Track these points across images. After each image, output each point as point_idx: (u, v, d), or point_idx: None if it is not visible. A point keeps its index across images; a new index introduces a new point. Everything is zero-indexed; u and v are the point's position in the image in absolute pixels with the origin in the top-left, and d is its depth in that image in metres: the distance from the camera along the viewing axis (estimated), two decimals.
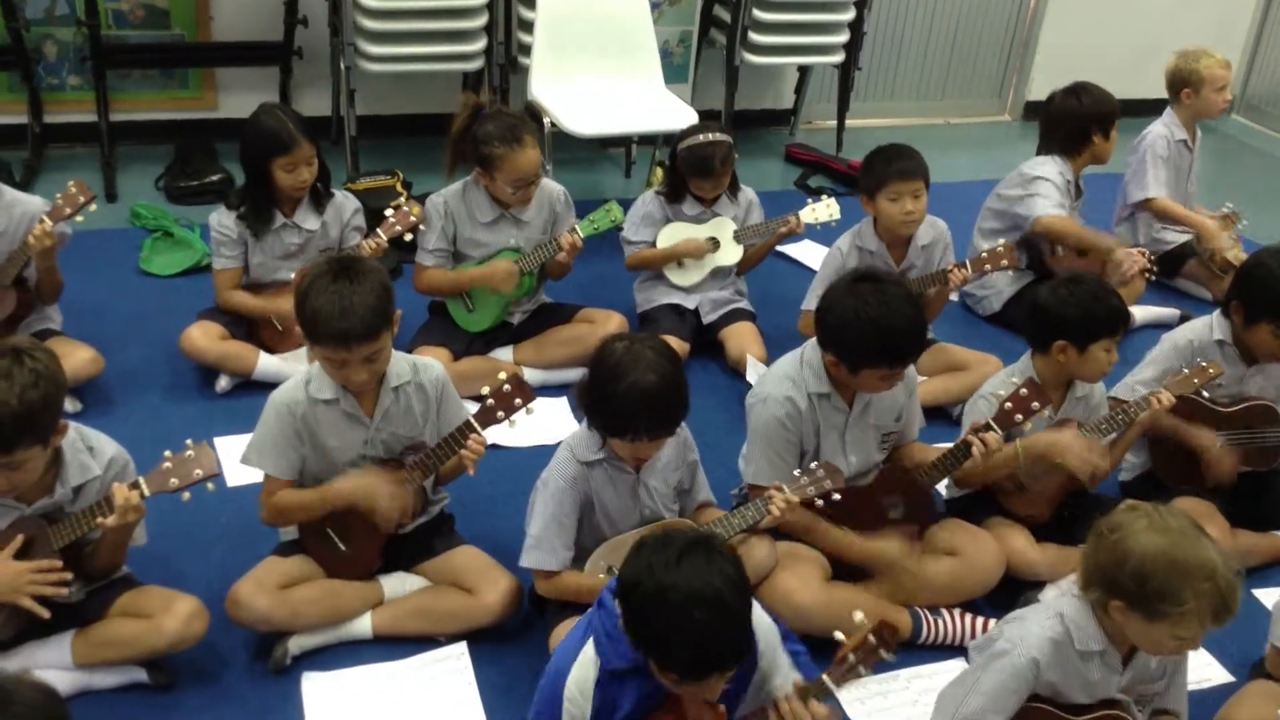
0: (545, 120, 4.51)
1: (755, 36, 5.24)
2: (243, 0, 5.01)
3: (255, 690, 2.55)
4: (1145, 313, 4.32)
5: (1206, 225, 4.41)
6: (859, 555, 2.77)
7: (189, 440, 2.41)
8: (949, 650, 2.77)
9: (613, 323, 3.67)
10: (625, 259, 3.93)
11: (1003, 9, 6.38)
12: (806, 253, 4.65)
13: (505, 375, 2.61)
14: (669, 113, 4.66)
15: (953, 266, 3.57)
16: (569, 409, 3.54)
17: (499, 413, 2.59)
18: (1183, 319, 4.18)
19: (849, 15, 5.37)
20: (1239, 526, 3.08)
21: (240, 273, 3.50)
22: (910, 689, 2.65)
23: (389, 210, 3.48)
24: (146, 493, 2.35)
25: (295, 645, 2.60)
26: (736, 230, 3.88)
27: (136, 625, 2.46)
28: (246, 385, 3.48)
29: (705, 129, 3.82)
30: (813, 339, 2.74)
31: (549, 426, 3.39)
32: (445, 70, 4.88)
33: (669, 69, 5.07)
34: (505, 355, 3.66)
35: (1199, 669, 2.73)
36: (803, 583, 2.67)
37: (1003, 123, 6.69)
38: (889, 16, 6.11)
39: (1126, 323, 2.93)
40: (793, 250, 4.65)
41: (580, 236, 3.54)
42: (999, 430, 2.71)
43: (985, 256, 3.58)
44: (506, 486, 3.11)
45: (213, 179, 4.73)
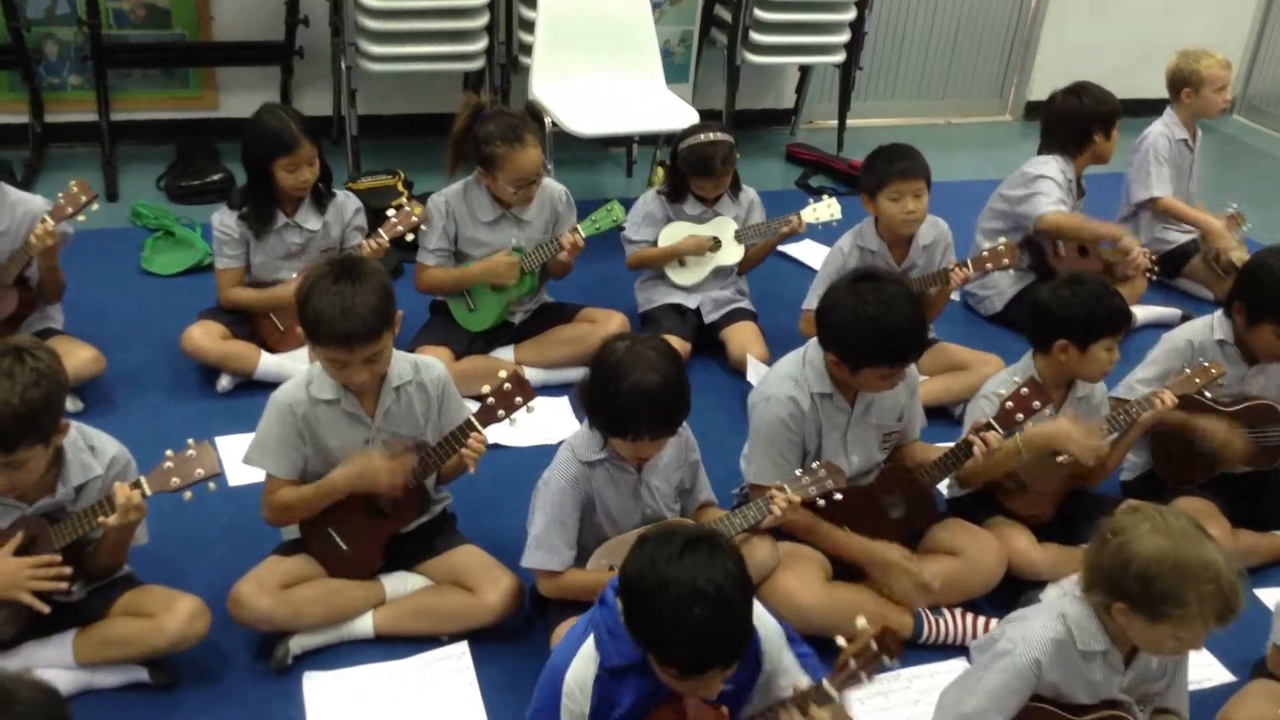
0: (546, 120, 4.51)
1: (756, 36, 5.24)
2: (244, 0, 5.02)
3: (256, 690, 2.55)
4: (1147, 312, 4.32)
5: (1214, 225, 4.41)
6: (860, 555, 2.77)
7: (190, 440, 2.41)
8: (950, 650, 2.77)
9: (614, 322, 3.67)
10: (626, 258, 3.93)
11: (1004, 9, 6.38)
12: (808, 252, 4.65)
13: (506, 374, 2.60)
14: (670, 112, 4.65)
15: (954, 266, 3.58)
16: (570, 409, 3.54)
17: (500, 411, 2.59)
18: (1184, 319, 4.18)
19: (850, 15, 5.36)
20: (1240, 526, 3.08)
21: (242, 272, 3.51)
22: (911, 689, 2.64)
23: (390, 210, 3.48)
24: (148, 492, 2.35)
25: (297, 645, 2.60)
26: (738, 230, 3.87)
27: (138, 624, 2.46)
28: (248, 385, 3.48)
29: (706, 128, 3.82)
30: (814, 339, 2.75)
31: (550, 426, 3.39)
32: (446, 70, 4.88)
33: (670, 69, 5.07)
34: (506, 355, 3.66)
35: (1200, 668, 2.72)
36: (804, 583, 2.67)
37: (1003, 122, 6.69)
38: (890, 16, 6.10)
39: (1128, 322, 2.93)
40: (794, 250, 4.65)
41: (582, 236, 3.54)
42: (1000, 429, 2.71)
43: (986, 255, 3.58)
44: (508, 486, 3.11)
45: (214, 179, 4.74)
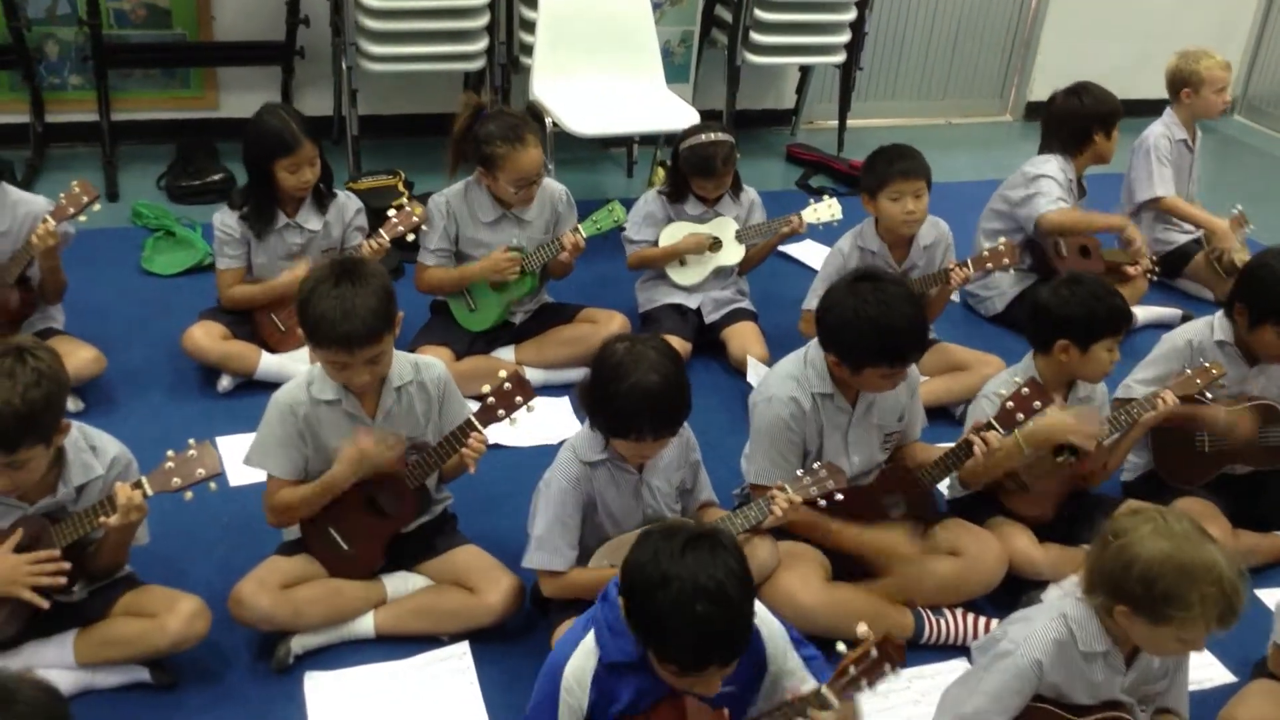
0: (547, 120, 4.51)
1: (757, 36, 5.24)
2: (244, 0, 5.02)
3: (258, 690, 2.55)
4: (1147, 313, 4.32)
5: (1218, 225, 4.41)
6: (865, 548, 2.75)
7: (191, 440, 2.41)
8: (951, 650, 2.77)
9: (615, 323, 3.67)
10: (627, 258, 3.93)
11: (1004, 9, 6.38)
12: (808, 253, 4.65)
13: (506, 374, 2.61)
14: (670, 113, 4.66)
15: (954, 265, 3.58)
16: (571, 409, 3.54)
17: (500, 411, 2.59)
18: (1184, 319, 4.18)
19: (850, 15, 5.36)
20: (1240, 527, 3.08)
21: (243, 272, 3.51)
22: (912, 689, 2.64)
23: (391, 210, 3.48)
24: (149, 492, 2.35)
25: (298, 645, 2.60)
26: (739, 230, 3.87)
27: (139, 624, 2.46)
28: (248, 385, 3.48)
29: (707, 129, 3.82)
30: (815, 339, 2.75)
31: (551, 426, 3.39)
32: (447, 70, 4.88)
33: (670, 69, 5.07)
34: (507, 355, 3.66)
35: (1201, 669, 2.72)
36: (804, 583, 2.67)
37: (1004, 123, 6.69)
38: (890, 16, 6.10)
39: (1128, 322, 2.93)
40: (794, 250, 4.65)
41: (583, 236, 3.54)
42: (1001, 429, 2.71)
43: (986, 255, 3.58)
44: (509, 486, 3.11)
45: (214, 178, 4.73)
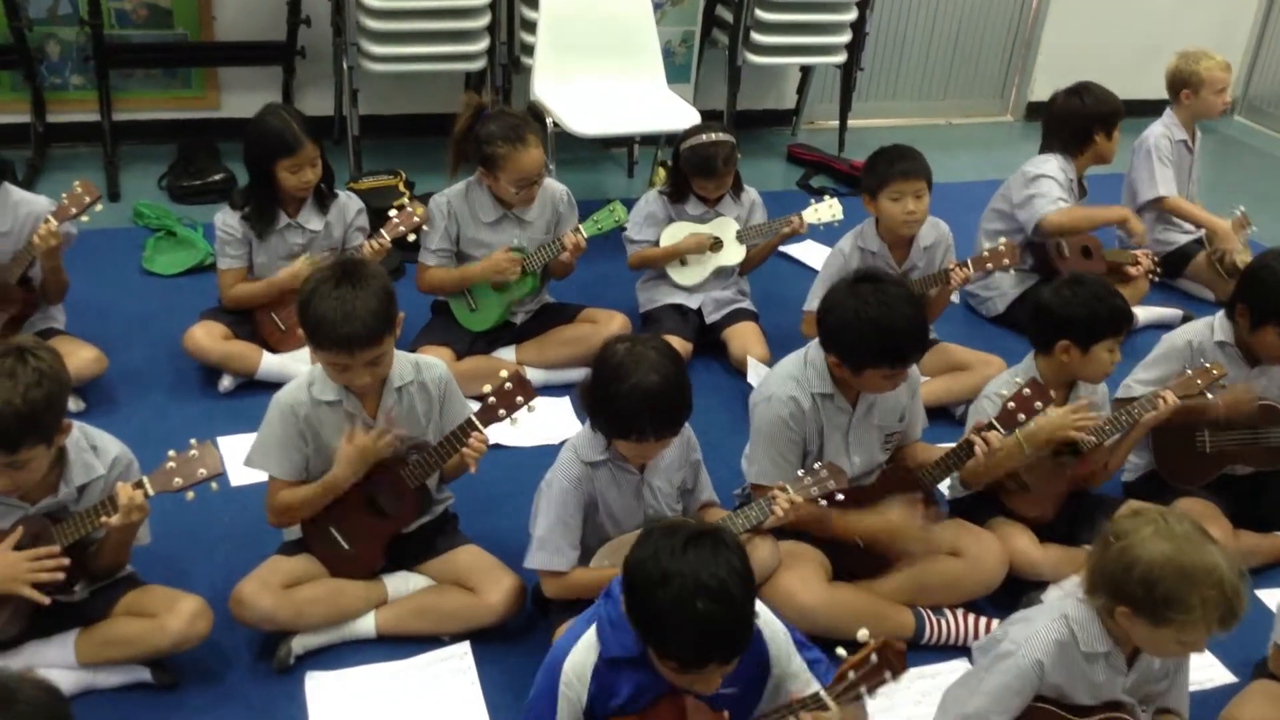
0: (548, 120, 4.51)
1: (757, 37, 5.24)
2: (245, 0, 5.02)
3: (259, 690, 2.55)
4: (1148, 313, 4.31)
5: (1221, 226, 4.41)
6: (867, 531, 2.73)
7: (193, 440, 2.42)
8: (952, 650, 2.77)
9: (615, 323, 3.67)
10: (628, 258, 3.93)
11: (1005, 9, 6.38)
12: (809, 253, 4.65)
13: (507, 373, 2.61)
14: (671, 113, 4.66)
15: (954, 266, 3.58)
16: (572, 409, 3.54)
17: (500, 410, 2.59)
18: (1185, 319, 4.17)
19: (851, 15, 5.36)
20: (1241, 527, 3.08)
21: (245, 272, 3.51)
22: (913, 689, 2.63)
23: (392, 210, 3.48)
24: (151, 492, 2.35)
25: (299, 645, 2.61)
26: (740, 230, 3.87)
27: (140, 624, 2.46)
28: (250, 385, 3.48)
29: (708, 129, 3.82)
30: (816, 339, 2.75)
31: (552, 426, 3.39)
32: (448, 70, 4.88)
33: (671, 69, 5.07)
34: (508, 355, 3.66)
35: (1201, 669, 2.72)
36: (804, 583, 2.67)
37: (1004, 123, 6.69)
38: (891, 17, 6.10)
39: (1129, 323, 2.94)
40: (795, 250, 4.65)
41: (584, 236, 3.54)
42: (1002, 430, 2.71)
43: (987, 255, 3.58)
44: (510, 486, 3.11)
45: (215, 178, 4.74)
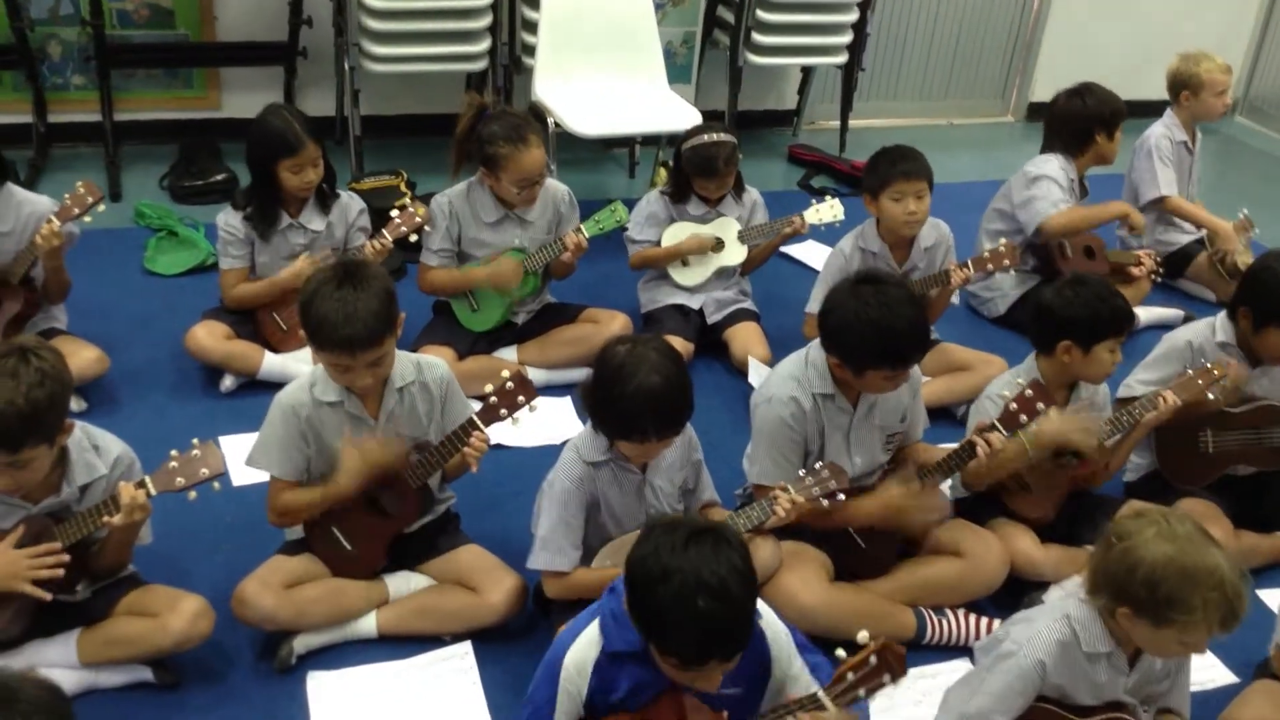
0: (549, 120, 4.51)
1: (758, 37, 5.24)
2: (247, 0, 5.02)
3: (261, 689, 2.55)
4: (1149, 313, 4.31)
5: (1222, 226, 4.40)
6: (871, 515, 2.72)
7: (195, 439, 2.42)
8: (953, 650, 2.77)
9: (617, 323, 3.67)
10: (629, 259, 3.93)
11: (1006, 10, 6.38)
12: (810, 253, 4.65)
13: (508, 373, 2.61)
14: (672, 113, 4.66)
15: (954, 266, 3.58)
16: (573, 409, 3.55)
17: (502, 410, 2.59)
18: (1186, 320, 4.17)
19: (852, 16, 5.36)
20: (1242, 527, 3.08)
21: (247, 272, 3.51)
22: (914, 689, 2.63)
23: (394, 211, 3.49)
24: (153, 492, 2.35)
25: (300, 644, 2.61)
26: (741, 230, 3.88)
27: (142, 624, 2.46)
28: (251, 385, 3.48)
29: (710, 129, 3.82)
30: (817, 339, 2.75)
31: (553, 426, 3.40)
32: (449, 70, 4.88)
33: (672, 69, 5.07)
34: (509, 355, 3.66)
35: (1202, 670, 2.72)
36: (805, 583, 2.67)
37: (1006, 124, 6.69)
38: (892, 17, 6.10)
39: (1131, 323, 2.94)
40: (796, 251, 4.65)
41: (585, 236, 3.55)
42: (1004, 431, 2.71)
43: (987, 256, 3.59)
44: (511, 486, 3.12)
45: (217, 178, 4.74)
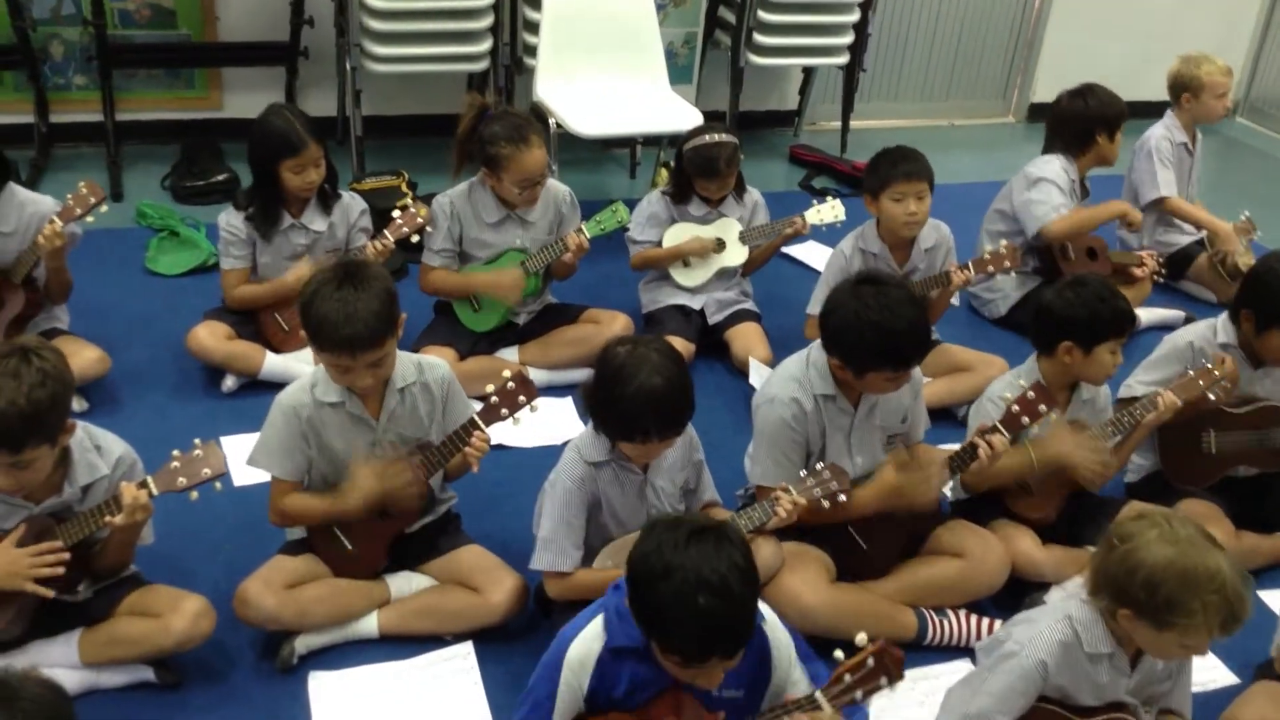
0: (550, 121, 4.51)
1: (760, 38, 5.24)
2: (249, 0, 5.03)
3: (262, 689, 2.55)
4: (1150, 314, 4.31)
5: (1223, 227, 4.40)
6: (875, 498, 2.72)
7: (197, 440, 2.42)
8: (955, 651, 2.77)
9: (618, 323, 3.67)
10: (631, 259, 3.93)
11: (1007, 11, 6.38)
12: (811, 254, 4.65)
13: (510, 373, 2.61)
14: (674, 114, 4.66)
15: (954, 267, 3.58)
16: (574, 409, 3.55)
17: (503, 410, 2.60)
18: (1187, 321, 4.17)
19: (853, 17, 5.37)
20: (1244, 528, 3.08)
21: (248, 273, 3.52)
22: (916, 690, 2.63)
23: (396, 211, 3.49)
24: (154, 492, 2.35)
25: (302, 644, 2.61)
26: (742, 231, 3.88)
27: (144, 624, 2.46)
28: (253, 385, 3.48)
29: (711, 130, 3.82)
30: (818, 340, 2.75)
31: (555, 426, 3.40)
32: (451, 71, 4.89)
33: (674, 70, 5.07)
34: (510, 355, 3.66)
35: (1204, 670, 2.72)
36: (806, 584, 2.67)
37: (1007, 124, 6.69)
38: (893, 18, 6.11)
39: (1132, 324, 2.94)
40: (797, 251, 4.65)
41: (586, 237, 3.55)
42: (1006, 433, 2.71)
43: (988, 258, 3.59)
44: (513, 486, 3.12)
45: (218, 179, 4.74)
